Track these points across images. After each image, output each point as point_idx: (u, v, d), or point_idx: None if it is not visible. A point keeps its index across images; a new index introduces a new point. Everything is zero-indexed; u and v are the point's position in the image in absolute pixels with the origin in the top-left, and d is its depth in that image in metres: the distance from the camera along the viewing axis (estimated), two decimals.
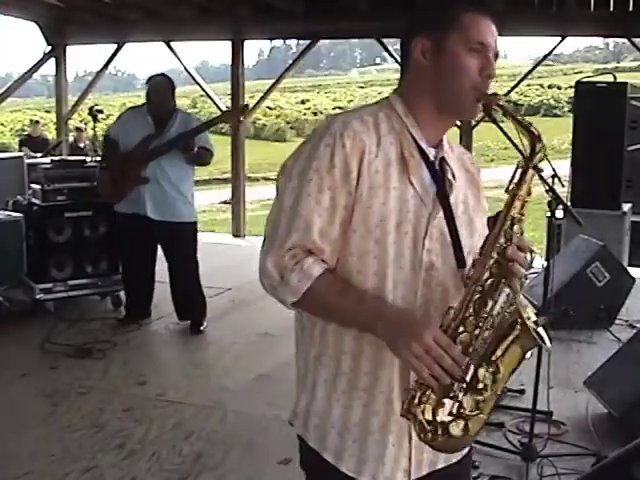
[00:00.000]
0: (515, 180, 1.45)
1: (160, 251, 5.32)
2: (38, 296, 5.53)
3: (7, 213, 5.69)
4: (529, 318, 1.37)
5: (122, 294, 5.73)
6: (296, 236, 1.44)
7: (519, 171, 1.44)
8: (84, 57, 28.33)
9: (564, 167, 6.09)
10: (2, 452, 3.46)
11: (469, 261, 1.49)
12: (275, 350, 4.88)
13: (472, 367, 1.37)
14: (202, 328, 5.35)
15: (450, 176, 1.55)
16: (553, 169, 3.10)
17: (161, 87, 5.16)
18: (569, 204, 4.43)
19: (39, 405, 4.04)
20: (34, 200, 5.71)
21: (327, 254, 1.47)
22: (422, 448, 1.47)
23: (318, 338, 1.54)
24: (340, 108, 33.75)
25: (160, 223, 5.10)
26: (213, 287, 6.44)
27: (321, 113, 32.96)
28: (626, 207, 6.76)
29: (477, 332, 1.39)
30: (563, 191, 4.44)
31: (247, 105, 5.50)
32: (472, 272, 1.43)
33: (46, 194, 5.60)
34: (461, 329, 1.39)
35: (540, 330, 1.38)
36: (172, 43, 9.40)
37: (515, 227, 1.43)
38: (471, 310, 1.40)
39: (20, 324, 5.39)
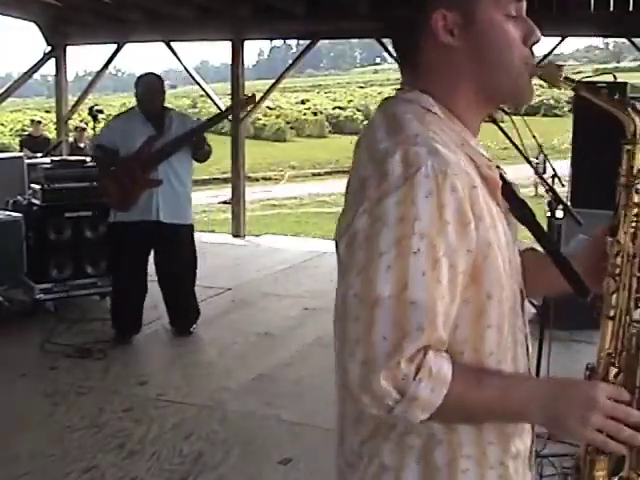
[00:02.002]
0: (624, 168, 1.19)
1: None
2: (38, 296, 5.53)
3: (7, 213, 5.69)
4: None
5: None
6: (418, 338, 1.04)
7: (626, 157, 1.19)
8: (84, 57, 28.29)
9: (564, 167, 6.09)
10: (2, 452, 3.46)
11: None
12: (275, 350, 4.89)
13: None
14: (192, 329, 5.30)
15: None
16: (553, 169, 3.10)
17: (155, 85, 5.09)
18: (569, 204, 4.43)
19: (39, 405, 4.04)
20: (34, 200, 5.71)
21: (446, 342, 1.09)
22: None
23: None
24: (340, 108, 33.79)
25: (167, 226, 4.96)
26: (213, 287, 6.45)
27: (321, 113, 32.95)
28: None
29: (631, 365, 1.16)
30: (563, 191, 4.44)
31: (254, 95, 5.35)
32: (614, 299, 1.16)
33: (46, 194, 5.59)
34: (614, 371, 1.15)
35: None
36: (172, 43, 9.40)
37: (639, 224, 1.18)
38: (618, 344, 1.16)
39: (20, 324, 5.39)
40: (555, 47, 8.52)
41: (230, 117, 8.94)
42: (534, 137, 2.18)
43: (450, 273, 1.05)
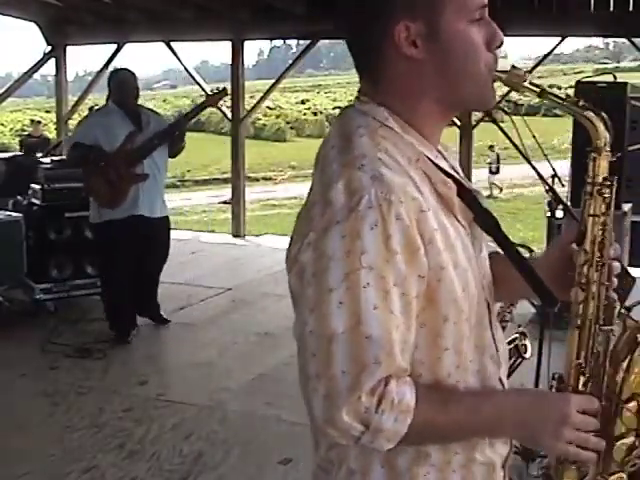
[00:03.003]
0: (590, 176, 1.19)
1: None
2: (38, 296, 5.54)
3: (7, 213, 5.69)
4: None
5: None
6: (376, 371, 1.03)
7: (591, 165, 1.19)
8: (84, 57, 28.27)
9: (564, 167, 6.08)
10: (2, 452, 3.46)
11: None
12: (275, 350, 4.88)
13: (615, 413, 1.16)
14: (166, 316, 5.43)
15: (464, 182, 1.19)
16: (553, 169, 3.10)
17: (130, 81, 5.10)
18: (569, 204, 4.43)
19: (39, 405, 4.04)
20: (34, 200, 5.71)
21: (408, 369, 1.08)
22: None
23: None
24: (340, 108, 33.75)
25: (152, 220, 5.01)
26: (213, 287, 6.46)
27: (321, 113, 32.97)
28: (626, 207, 6.75)
29: (598, 373, 1.17)
30: (563, 191, 4.43)
31: (225, 88, 5.48)
32: (581, 309, 1.16)
33: (46, 194, 5.59)
34: (582, 379, 1.16)
35: None
36: (172, 43, 9.40)
37: (606, 233, 1.18)
38: (588, 353, 1.17)
39: (20, 324, 5.39)
40: (555, 47, 8.52)
41: (230, 117, 8.97)
42: (534, 137, 2.17)
43: (403, 301, 1.04)
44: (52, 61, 9.89)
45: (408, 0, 1.09)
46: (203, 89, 9.82)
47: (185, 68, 9.85)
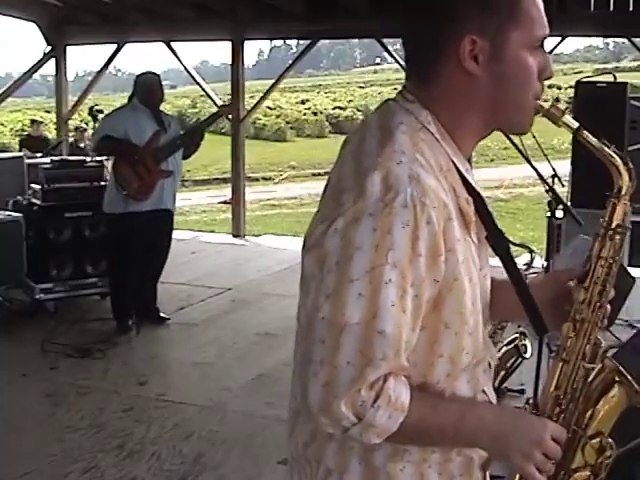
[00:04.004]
0: (605, 220, 1.22)
1: None
2: (38, 296, 5.53)
3: (7, 213, 5.68)
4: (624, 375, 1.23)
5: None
6: (380, 367, 1.05)
7: (609, 210, 1.22)
8: (84, 57, 28.27)
9: (564, 167, 6.09)
10: (2, 452, 3.46)
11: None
12: (275, 350, 4.88)
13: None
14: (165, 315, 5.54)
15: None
16: (553, 169, 3.10)
17: (157, 84, 5.29)
18: (569, 204, 4.44)
19: (39, 405, 4.04)
20: (34, 200, 5.71)
21: (407, 369, 1.11)
22: None
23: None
24: (340, 108, 33.78)
25: (168, 214, 5.29)
26: (213, 287, 6.46)
27: (321, 113, 32.96)
28: None
29: (572, 406, 1.22)
30: (563, 191, 4.44)
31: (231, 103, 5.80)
32: (570, 343, 1.20)
33: (46, 194, 5.60)
34: (557, 410, 1.21)
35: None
36: (172, 43, 9.40)
37: (609, 277, 1.23)
38: (568, 386, 1.21)
39: (20, 324, 5.39)
40: (555, 47, 8.52)
41: (230, 117, 8.96)
42: (534, 137, 2.18)
43: (414, 303, 1.05)
44: (52, 61, 9.89)
45: (482, 17, 1.10)
46: (203, 89, 9.84)
47: (185, 68, 9.85)
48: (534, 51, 1.14)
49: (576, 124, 1.21)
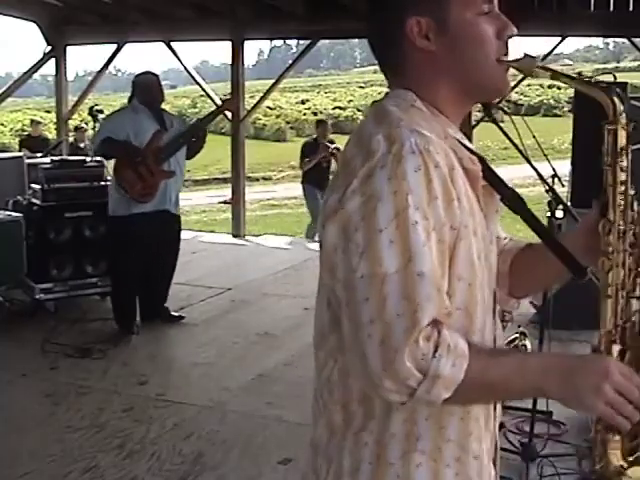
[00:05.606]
0: (608, 149, 1.20)
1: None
2: (38, 296, 5.53)
3: (7, 213, 5.69)
4: None
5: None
6: (429, 308, 1.04)
7: (610, 138, 1.20)
8: (84, 57, 28.26)
9: (564, 167, 6.09)
10: (2, 452, 3.46)
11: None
12: (275, 350, 4.89)
13: None
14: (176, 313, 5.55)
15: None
16: (553, 169, 3.10)
17: (156, 84, 5.29)
18: (569, 204, 4.43)
19: (39, 405, 4.04)
20: (34, 200, 5.71)
21: (450, 311, 1.10)
22: None
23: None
24: (340, 108, 33.76)
25: (172, 216, 5.27)
26: (213, 287, 6.46)
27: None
28: None
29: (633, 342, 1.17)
30: (563, 191, 4.43)
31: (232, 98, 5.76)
32: (610, 277, 1.17)
33: (46, 194, 5.59)
34: (617, 348, 1.17)
35: None
36: (172, 43, 9.40)
37: (634, 204, 1.19)
38: (619, 319, 1.18)
39: (20, 324, 5.39)
40: (555, 47, 8.52)
41: (230, 117, 8.96)
42: (534, 137, 2.18)
43: (438, 248, 1.07)
44: (52, 61, 9.89)
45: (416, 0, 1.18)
46: (203, 89, 9.84)
47: (185, 68, 9.85)
48: (485, 15, 1.19)
49: (550, 70, 1.23)
